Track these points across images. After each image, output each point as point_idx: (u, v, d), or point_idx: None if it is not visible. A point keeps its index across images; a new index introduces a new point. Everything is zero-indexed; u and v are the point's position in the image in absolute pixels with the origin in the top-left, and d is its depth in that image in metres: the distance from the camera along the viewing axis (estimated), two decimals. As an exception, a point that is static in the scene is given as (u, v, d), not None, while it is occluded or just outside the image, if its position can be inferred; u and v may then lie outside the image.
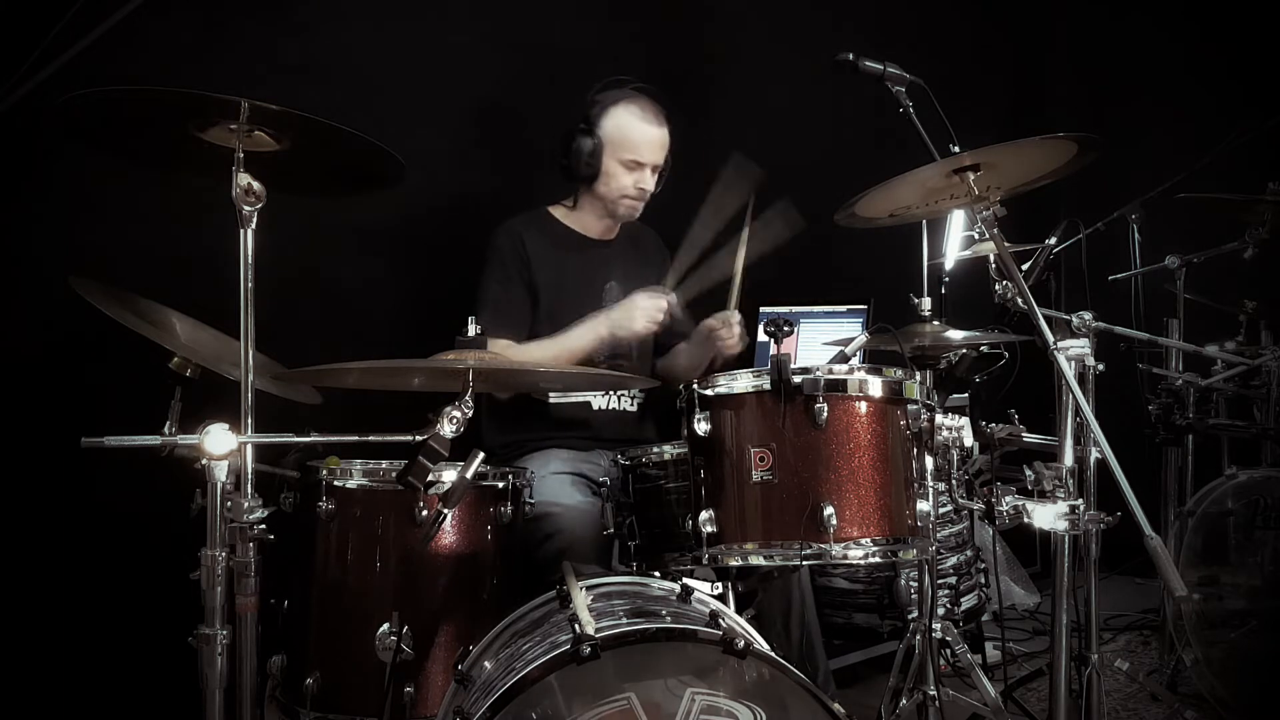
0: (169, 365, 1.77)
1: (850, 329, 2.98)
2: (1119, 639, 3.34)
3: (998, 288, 2.02)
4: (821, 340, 2.80)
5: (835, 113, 3.50)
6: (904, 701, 2.20)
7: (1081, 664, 2.05)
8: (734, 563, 1.64)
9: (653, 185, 2.47)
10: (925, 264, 2.61)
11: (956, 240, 2.58)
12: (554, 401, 2.41)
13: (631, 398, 2.50)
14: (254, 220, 1.56)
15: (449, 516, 1.81)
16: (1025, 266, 2.21)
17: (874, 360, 2.00)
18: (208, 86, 1.50)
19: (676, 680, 1.38)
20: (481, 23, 2.84)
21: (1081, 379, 1.89)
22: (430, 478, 1.54)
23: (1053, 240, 2.28)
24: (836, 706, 1.38)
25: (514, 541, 1.95)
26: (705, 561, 1.64)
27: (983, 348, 2.23)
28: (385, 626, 1.74)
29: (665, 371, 2.61)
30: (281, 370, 1.93)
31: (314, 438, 1.69)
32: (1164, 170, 3.09)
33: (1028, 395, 2.40)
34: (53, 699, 2.18)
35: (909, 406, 1.67)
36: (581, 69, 2.63)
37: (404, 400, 1.74)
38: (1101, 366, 1.99)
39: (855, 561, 1.73)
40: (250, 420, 1.57)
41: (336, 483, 1.83)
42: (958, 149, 1.91)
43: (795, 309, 3.12)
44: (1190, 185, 2.90)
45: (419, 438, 1.51)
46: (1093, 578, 2.09)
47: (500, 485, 1.92)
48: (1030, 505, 1.65)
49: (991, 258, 2.06)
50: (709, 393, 1.66)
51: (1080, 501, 1.66)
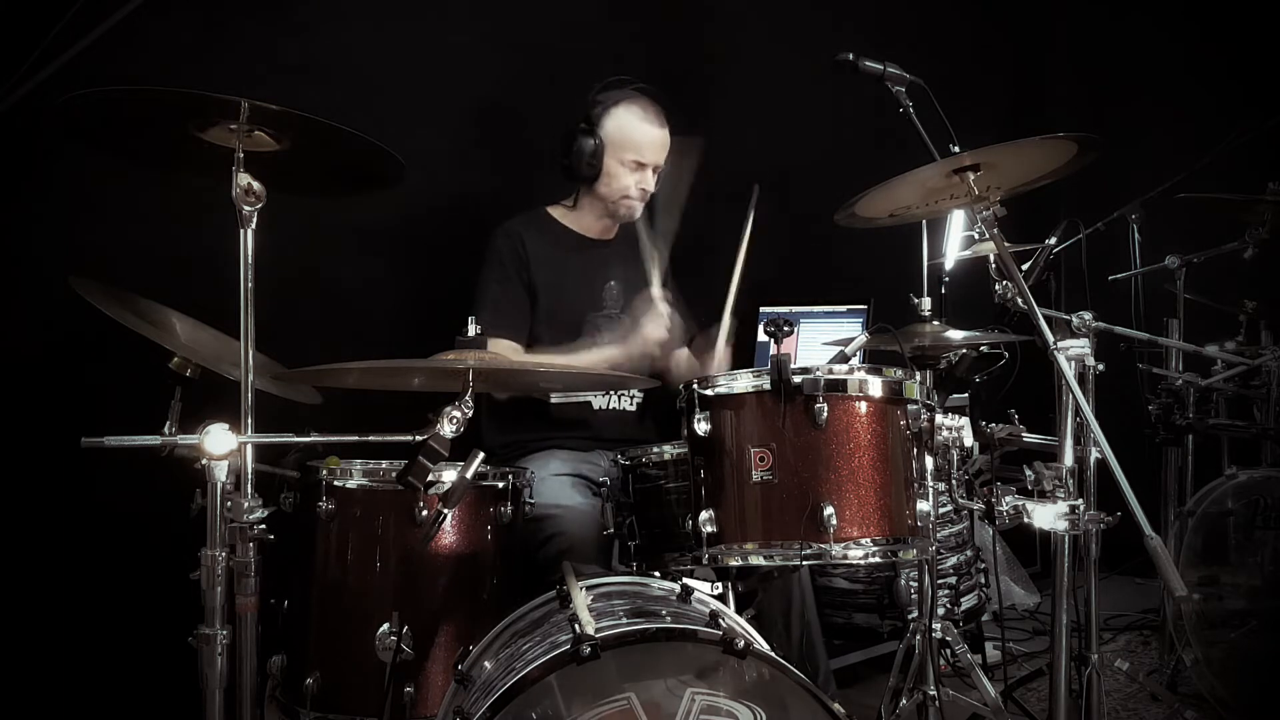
0: (169, 365, 1.77)
1: (850, 329, 2.98)
2: (1119, 639, 3.34)
3: (998, 288, 2.02)
4: (821, 340, 2.80)
5: (835, 113, 3.50)
6: (904, 701, 2.20)
7: (1081, 664, 2.05)
8: (734, 563, 1.64)
9: (652, 185, 2.48)
10: (925, 264, 2.61)
11: (956, 240, 2.58)
12: (554, 402, 2.41)
13: (631, 398, 2.50)
14: (254, 220, 1.56)
15: (449, 516, 1.81)
16: (1025, 266, 2.21)
17: (874, 360, 2.00)
18: (208, 86, 1.50)
19: (676, 680, 1.38)
20: (481, 23, 2.84)
21: (1081, 379, 1.89)
22: (430, 478, 1.54)
23: (1053, 240, 2.27)
24: (836, 706, 1.37)
25: (514, 541, 1.95)
26: (705, 561, 1.64)
27: (983, 348, 2.23)
28: (385, 626, 1.74)
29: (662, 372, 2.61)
30: (281, 370, 1.93)
31: (314, 438, 1.69)
32: (1164, 170, 3.10)
33: (1028, 395, 2.40)
34: (53, 699, 2.18)
35: (909, 406, 1.67)
36: (581, 69, 2.64)
37: (404, 400, 1.74)
38: (1101, 366, 1.99)
39: (855, 561, 1.73)
40: (250, 420, 1.57)
41: (336, 483, 1.83)
42: (958, 149, 1.91)
43: (795, 309, 3.12)
44: (1190, 185, 2.89)
45: (419, 438, 1.51)
46: (1093, 578, 2.09)
47: (500, 485, 1.91)
48: (1030, 505, 1.65)
49: (991, 258, 2.06)
50: (709, 393, 1.66)
51: (1080, 501, 1.66)
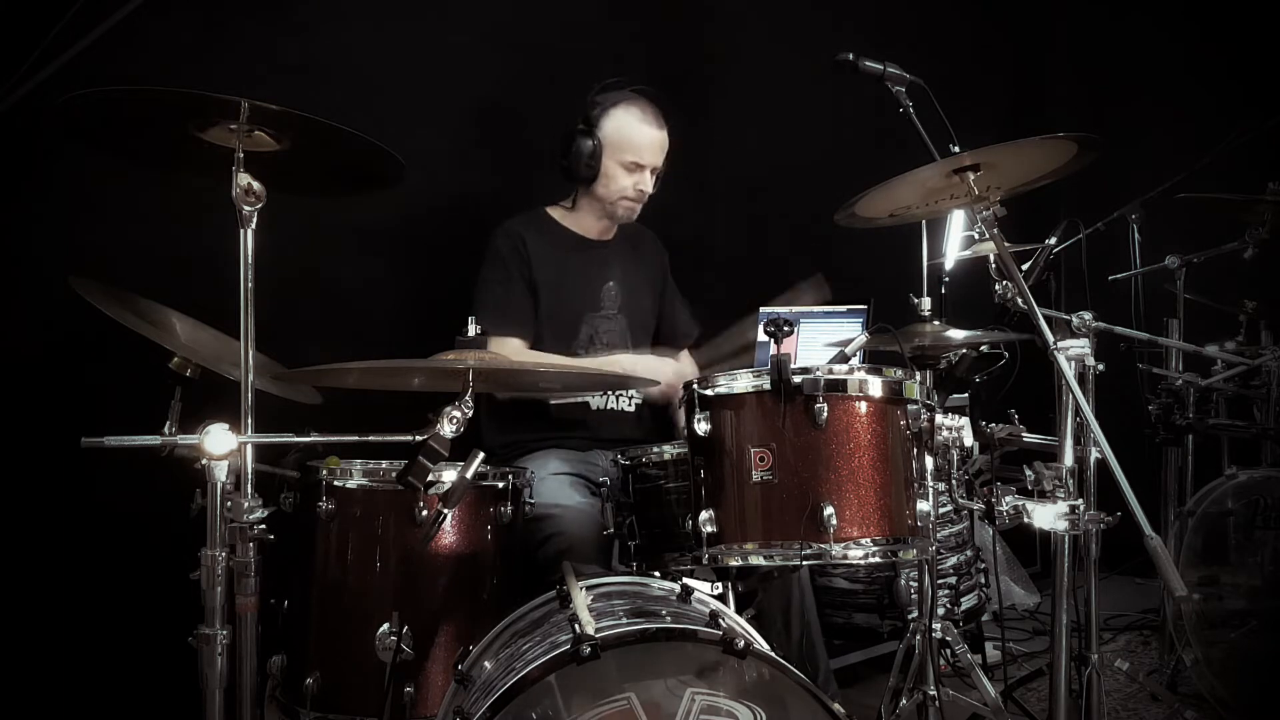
0: (169, 365, 1.77)
1: (850, 329, 2.97)
2: (1119, 639, 3.34)
3: (998, 288, 2.01)
4: (821, 340, 2.80)
5: (835, 113, 3.50)
6: (904, 701, 2.20)
7: (1081, 664, 2.05)
8: (734, 563, 1.63)
9: (650, 186, 2.48)
10: (925, 264, 2.61)
11: (956, 240, 2.58)
12: (553, 402, 2.41)
13: (630, 397, 2.50)
14: (254, 220, 1.56)
15: (449, 516, 1.81)
16: (1025, 266, 2.20)
17: (874, 360, 1.99)
18: (208, 86, 1.50)
19: (676, 680, 1.38)
20: (481, 23, 2.84)
21: (1081, 379, 1.88)
22: (430, 478, 1.54)
23: (1053, 240, 2.27)
24: (836, 706, 1.37)
25: (514, 541, 1.95)
26: (705, 561, 1.64)
27: (983, 348, 2.23)
28: (385, 626, 1.74)
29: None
30: (281, 370, 1.93)
31: (314, 438, 1.69)
32: (1164, 170, 3.10)
33: (1028, 395, 2.39)
34: (53, 699, 2.18)
35: (909, 406, 1.67)
36: (581, 69, 2.64)
37: (404, 400, 1.74)
38: (1101, 366, 1.99)
39: (855, 561, 1.73)
40: (250, 420, 1.57)
41: (336, 483, 1.83)
42: (958, 149, 1.91)
43: (795, 309, 3.11)
44: (1190, 185, 2.89)
45: (419, 438, 1.51)
46: (1093, 578, 2.09)
47: (500, 485, 1.92)
48: (1030, 505, 1.65)
49: (991, 258, 2.06)
50: (709, 393, 1.66)
51: (1080, 501, 1.66)
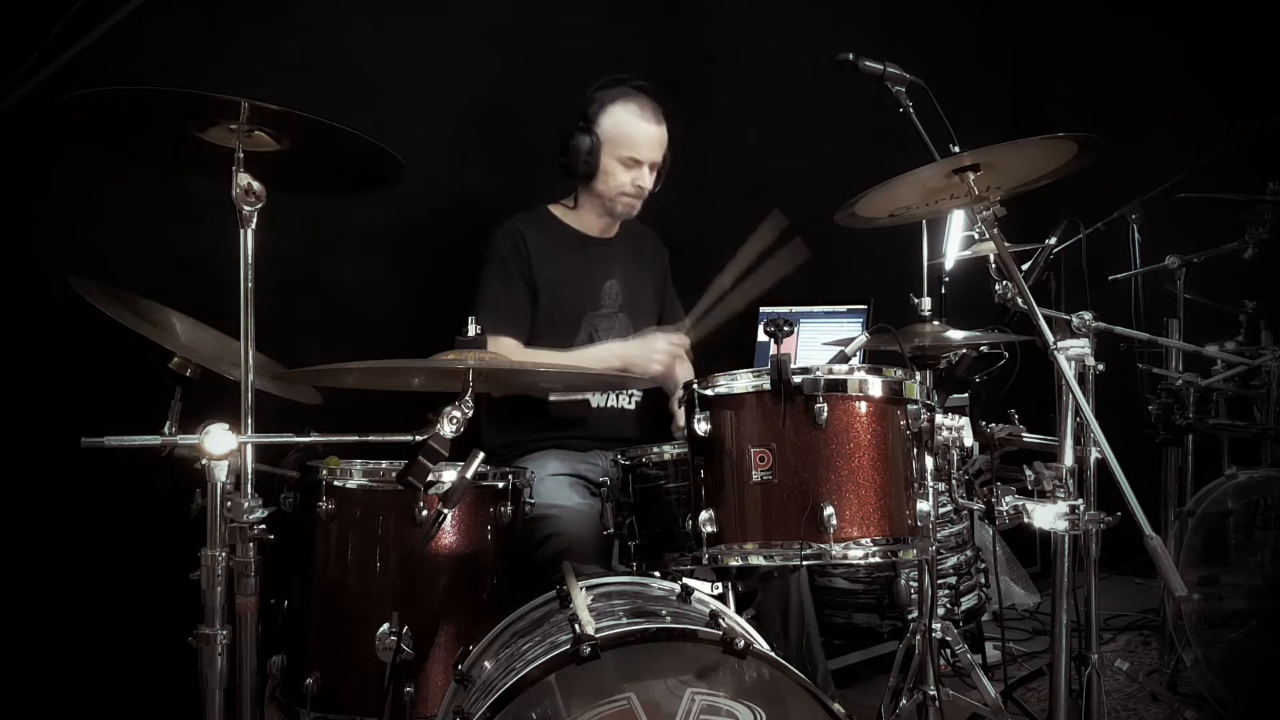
0: (169, 365, 1.77)
1: (850, 329, 2.98)
2: (1119, 639, 3.34)
3: (998, 288, 2.02)
4: (821, 340, 2.80)
5: (835, 113, 3.50)
6: (904, 701, 2.20)
7: (1081, 664, 2.05)
8: (734, 563, 1.63)
9: (650, 183, 2.47)
10: (925, 264, 2.61)
11: (956, 240, 2.58)
12: (553, 400, 2.41)
13: (629, 396, 2.50)
14: (254, 220, 1.56)
15: (449, 516, 1.81)
16: (1025, 266, 2.21)
17: (874, 360, 2.00)
18: (208, 86, 1.50)
19: (676, 680, 1.38)
20: (481, 23, 2.84)
21: (1081, 379, 1.88)
22: (430, 478, 1.54)
23: (1053, 240, 2.27)
24: (836, 706, 1.37)
25: (514, 541, 1.95)
26: (705, 561, 1.64)
27: (983, 348, 2.23)
28: (385, 626, 1.74)
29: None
30: (281, 370, 1.93)
31: (314, 438, 1.69)
32: (1164, 170, 3.09)
33: (1028, 395, 2.40)
34: (53, 699, 2.18)
35: (909, 406, 1.67)
36: (581, 69, 2.64)
37: (404, 400, 1.74)
38: (1101, 366, 1.99)
39: (855, 561, 1.73)
40: (250, 420, 1.57)
41: (336, 483, 1.83)
42: (958, 149, 1.91)
43: (795, 309, 3.12)
44: (1190, 185, 2.89)
45: (419, 438, 1.51)
46: (1093, 578, 2.09)
47: (500, 485, 1.91)
48: (1030, 505, 1.65)
49: (991, 258, 2.06)
50: (709, 392, 1.66)
51: (1080, 501, 1.66)
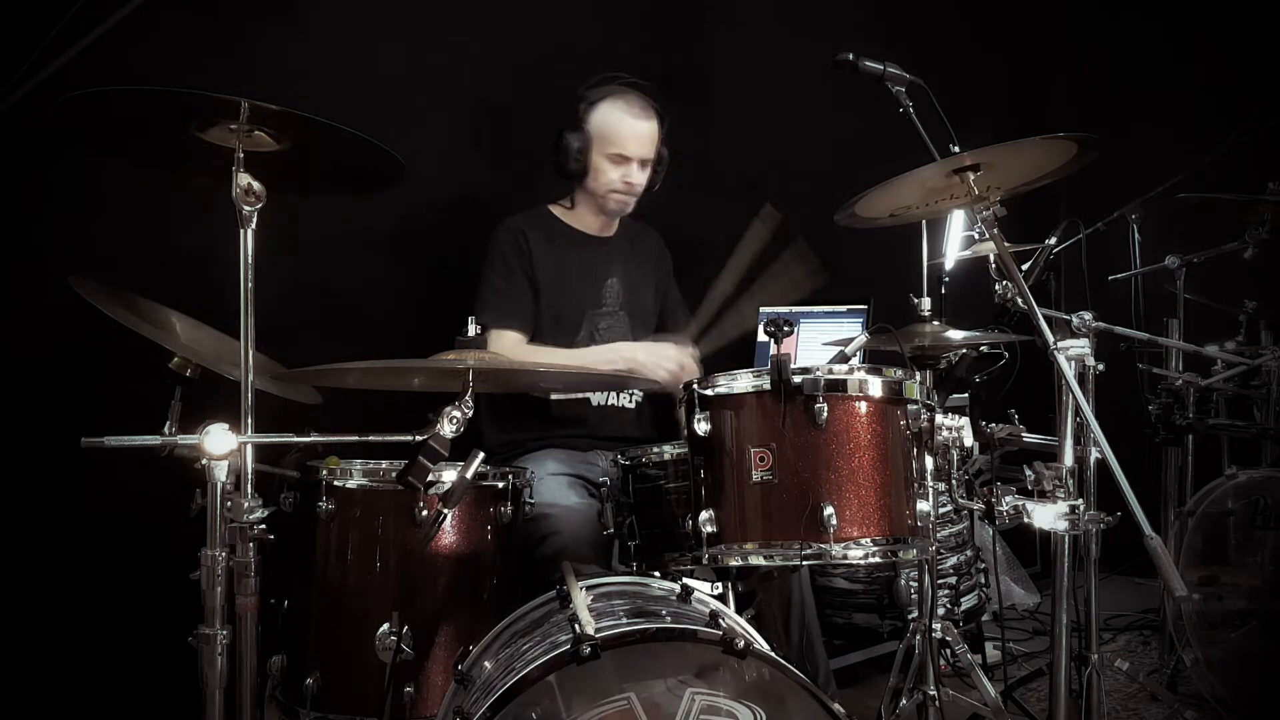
0: (169, 365, 1.77)
1: (850, 329, 2.98)
2: (1119, 639, 3.34)
3: (998, 288, 2.02)
4: (821, 340, 2.80)
5: (835, 112, 3.50)
6: (904, 701, 2.20)
7: (1081, 664, 2.05)
8: (734, 563, 1.63)
9: (641, 179, 2.46)
10: (925, 264, 2.61)
11: (956, 240, 2.58)
12: (553, 399, 2.41)
13: (630, 396, 2.50)
14: (254, 220, 1.56)
15: (449, 516, 1.81)
16: (1025, 266, 2.21)
17: (874, 360, 1.99)
18: (208, 86, 1.50)
19: (676, 680, 1.38)
20: (481, 22, 2.84)
21: (1081, 379, 1.89)
22: (430, 478, 1.54)
23: (1053, 240, 2.27)
24: (836, 706, 1.37)
25: (514, 541, 1.95)
26: (705, 561, 1.64)
27: (983, 348, 2.23)
28: (385, 626, 1.74)
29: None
30: (281, 370, 1.93)
31: (314, 438, 1.69)
32: (1164, 170, 3.09)
33: (1028, 395, 2.40)
34: (53, 699, 2.18)
35: (909, 406, 1.67)
36: (582, 69, 2.63)
37: (404, 400, 1.75)
38: (1101, 366, 1.99)
39: (855, 561, 1.73)
40: (250, 420, 1.57)
41: (336, 483, 1.83)
42: (958, 149, 1.91)
43: (795, 309, 3.11)
44: (1190, 185, 2.89)
45: (419, 438, 1.51)
46: (1093, 578, 2.09)
47: (500, 485, 1.92)
48: (1030, 505, 1.65)
49: (991, 258, 2.06)
50: (709, 393, 1.66)
51: (1080, 501, 1.66)
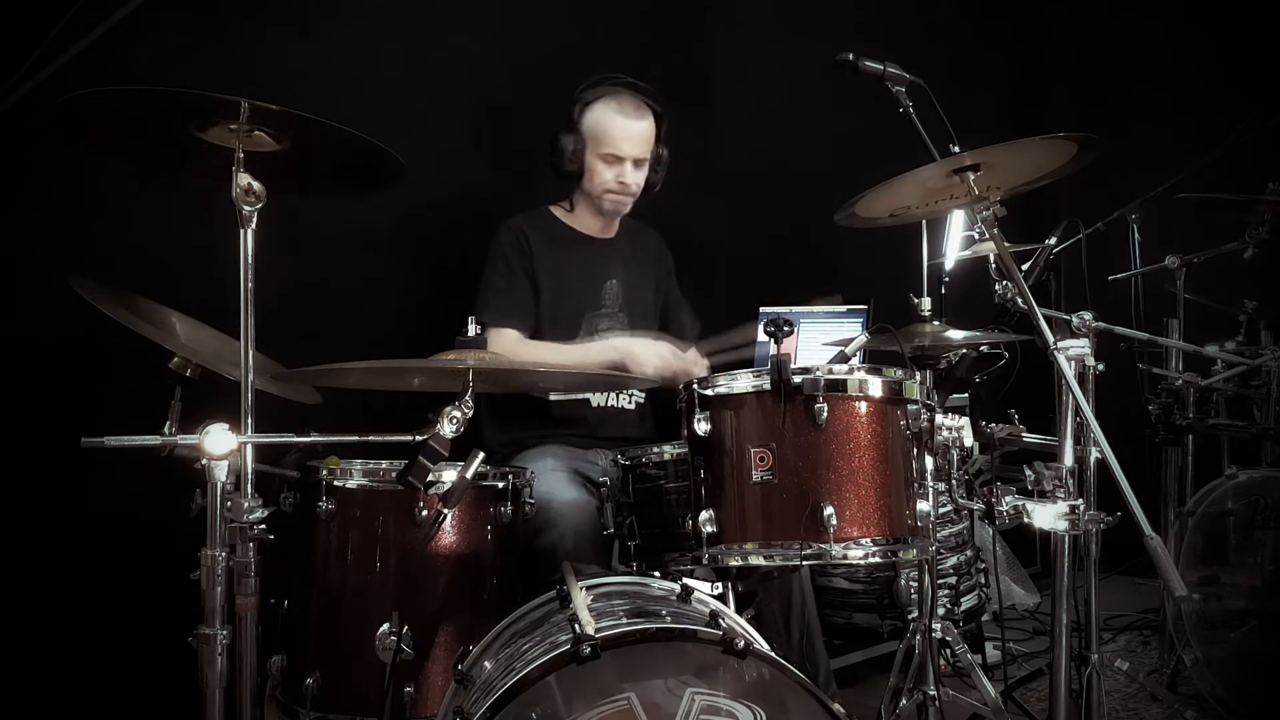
0: (169, 365, 1.77)
1: (850, 329, 2.98)
2: (1119, 639, 3.34)
3: (998, 288, 2.02)
4: (821, 340, 2.80)
5: (835, 113, 3.50)
6: (904, 701, 2.20)
7: (1081, 664, 2.05)
8: (734, 563, 1.64)
9: (636, 179, 2.45)
10: (925, 264, 2.61)
11: (956, 240, 2.58)
12: (553, 399, 2.41)
13: (629, 396, 2.50)
14: (254, 220, 1.56)
15: (449, 516, 1.81)
16: (1025, 266, 2.21)
17: (874, 360, 1.99)
18: (208, 86, 1.50)
19: (676, 680, 1.38)
20: (481, 22, 2.84)
21: (1081, 379, 1.89)
22: (430, 478, 1.54)
23: (1053, 240, 2.27)
24: (836, 706, 1.37)
25: (514, 541, 1.95)
26: (705, 561, 1.64)
27: (983, 348, 2.23)
28: (385, 626, 1.74)
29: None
30: (281, 370, 1.93)
31: (314, 438, 1.69)
32: (1164, 170, 3.09)
33: (1028, 395, 2.40)
34: (53, 699, 2.18)
35: (909, 406, 1.67)
36: (582, 69, 2.63)
37: (404, 400, 1.74)
38: (1101, 366, 1.99)
39: (855, 561, 1.73)
40: (250, 420, 1.57)
41: (336, 483, 1.83)
42: (958, 149, 1.91)
43: (795, 309, 3.11)
44: (1190, 185, 2.89)
45: (419, 438, 1.51)
46: (1093, 578, 2.09)
47: (500, 485, 1.91)
48: (1030, 505, 1.65)
49: (991, 258, 2.06)
50: (709, 393, 1.66)
51: (1080, 501, 1.66)
